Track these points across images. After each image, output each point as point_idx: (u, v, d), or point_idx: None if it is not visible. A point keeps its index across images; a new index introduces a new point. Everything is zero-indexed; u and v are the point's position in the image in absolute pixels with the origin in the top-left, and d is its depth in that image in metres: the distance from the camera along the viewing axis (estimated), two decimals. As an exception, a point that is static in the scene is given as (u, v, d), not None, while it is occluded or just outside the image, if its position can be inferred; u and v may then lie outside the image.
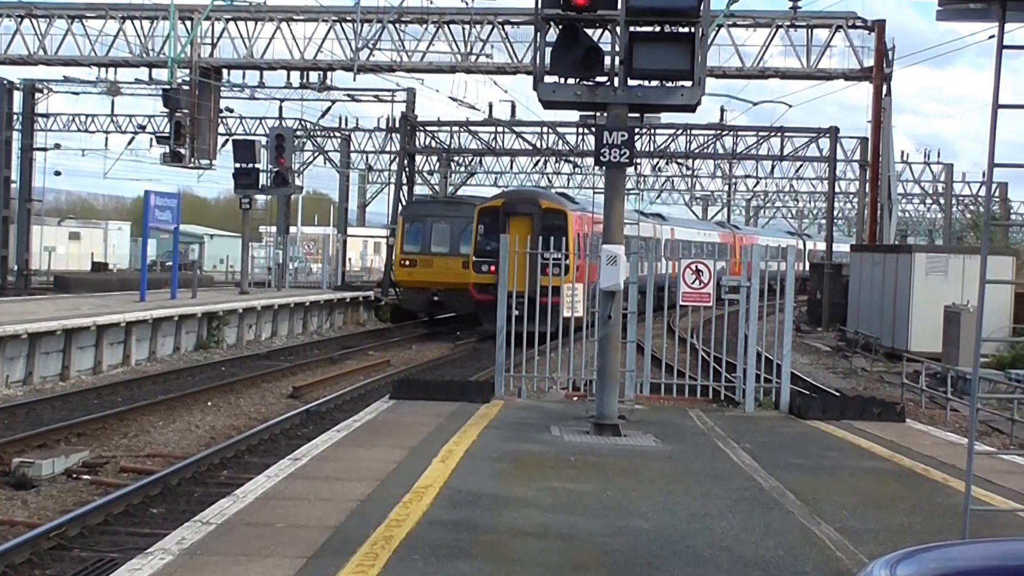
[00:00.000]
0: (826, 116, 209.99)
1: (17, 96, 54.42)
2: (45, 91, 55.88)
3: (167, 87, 42.96)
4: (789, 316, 17.16)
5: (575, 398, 17.60)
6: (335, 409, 21.61)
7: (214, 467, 16.07)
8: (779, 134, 60.98)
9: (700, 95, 13.61)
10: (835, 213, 61.21)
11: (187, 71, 42.89)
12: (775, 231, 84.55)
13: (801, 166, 69.59)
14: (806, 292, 51.54)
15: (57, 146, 63.43)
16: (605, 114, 14.02)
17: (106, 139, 64.76)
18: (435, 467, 11.67)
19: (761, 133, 62.00)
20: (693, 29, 13.40)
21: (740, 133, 62.47)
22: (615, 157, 13.73)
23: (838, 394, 22.36)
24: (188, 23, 42.87)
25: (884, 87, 41.97)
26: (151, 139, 56.78)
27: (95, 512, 12.90)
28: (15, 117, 54.19)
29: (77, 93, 54.30)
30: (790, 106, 55.91)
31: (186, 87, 42.58)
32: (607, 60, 13.69)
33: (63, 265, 72.44)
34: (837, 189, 63.43)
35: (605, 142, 13.70)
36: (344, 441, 13.38)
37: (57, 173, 68.27)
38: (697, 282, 16.47)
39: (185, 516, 11.60)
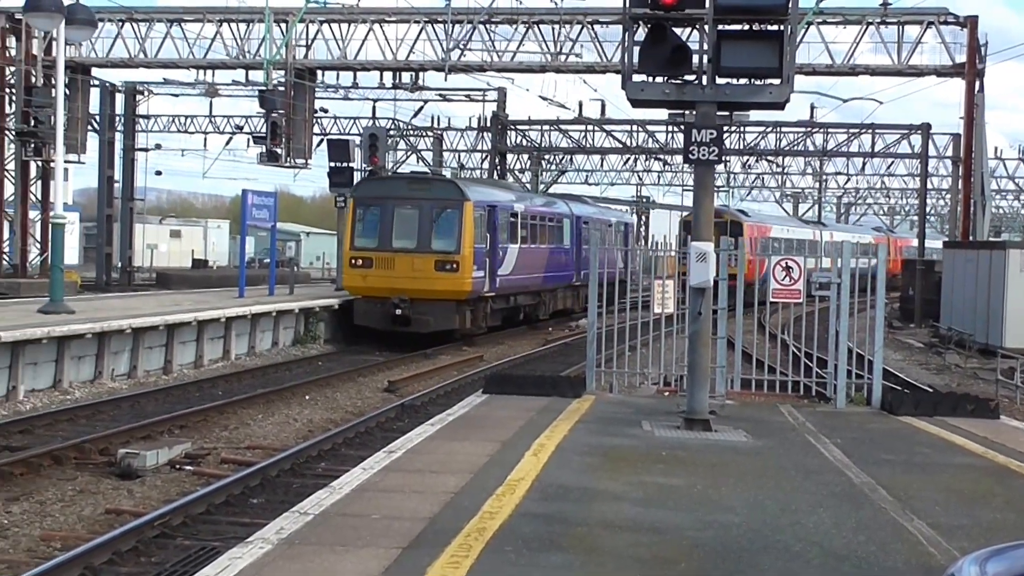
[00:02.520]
0: (917, 113, 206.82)
1: (119, 98, 55.64)
2: (146, 93, 56.99)
3: (263, 88, 43.76)
4: (880, 311, 17.07)
5: (666, 393, 17.69)
6: (429, 403, 21.82)
7: (311, 459, 16.29)
8: (870, 131, 60.39)
9: (789, 93, 13.62)
10: (927, 210, 60.42)
11: (283, 72, 43.52)
12: (900, 232, 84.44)
13: (892, 163, 68.80)
14: (896, 289, 51.17)
15: (158, 147, 64.93)
16: (693, 112, 14.11)
17: (205, 139, 66.06)
18: (527, 461, 11.80)
19: (851, 130, 61.41)
20: (782, 27, 13.42)
21: (830, 130, 61.97)
22: (704, 155, 13.80)
23: (931, 390, 22.18)
24: (283, 25, 43.52)
25: (977, 83, 41.35)
26: (248, 139, 57.59)
27: (197, 502, 13.12)
28: (117, 119, 55.39)
29: (177, 95, 55.35)
30: (880, 103, 55.53)
31: (282, 88, 43.24)
32: (695, 58, 13.77)
33: (165, 262, 73.91)
34: (929, 186, 62.61)
35: (694, 140, 13.78)
36: (438, 435, 13.56)
37: (158, 173, 69.72)
38: (787, 278, 16.46)
39: (283, 506, 11.85)
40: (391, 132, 54.40)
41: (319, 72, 46.17)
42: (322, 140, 50.40)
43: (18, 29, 43.21)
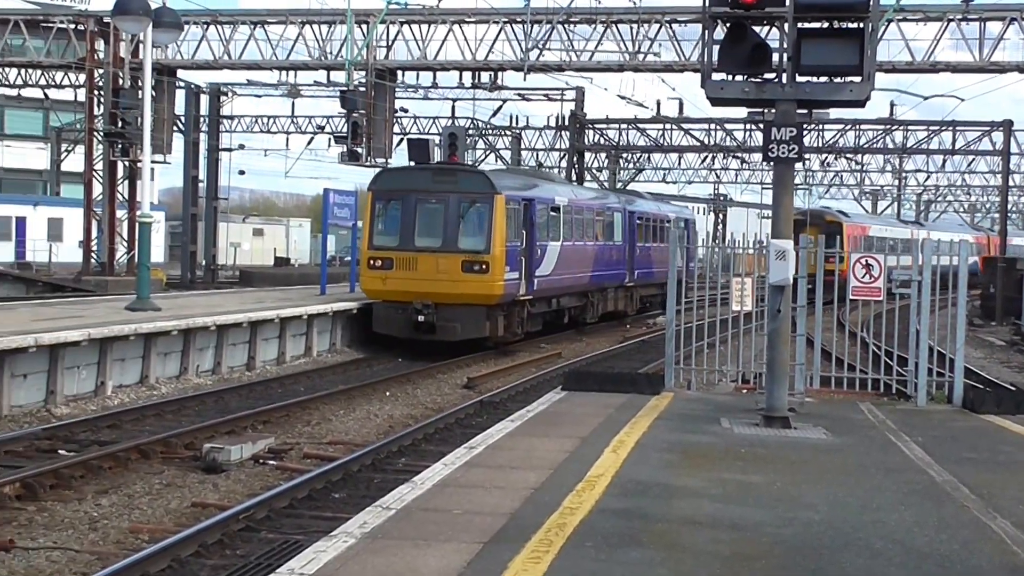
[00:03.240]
0: (998, 110, 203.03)
1: (204, 100, 56.49)
2: (230, 94, 57.73)
3: (344, 89, 44.16)
4: (962, 309, 16.92)
5: (744, 391, 17.67)
6: (508, 400, 21.92)
7: (392, 454, 16.44)
8: (950, 128, 59.65)
9: (869, 91, 13.57)
10: (1008, 207, 59.65)
11: (363, 73, 43.92)
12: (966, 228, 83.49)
13: (973, 160, 67.91)
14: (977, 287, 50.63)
15: (241, 147, 65.86)
16: (773, 110, 14.10)
17: (287, 139, 66.79)
18: (606, 457, 11.87)
19: (932, 127, 60.73)
20: (862, 24, 13.37)
21: (910, 127, 61.34)
22: (783, 153, 13.79)
23: (1013, 388, 21.91)
24: (364, 26, 43.88)
25: (1059, 80, 40.70)
26: (329, 139, 58.20)
27: (281, 496, 13.27)
28: (202, 120, 56.25)
29: (260, 96, 55.97)
30: (962, 100, 54.74)
31: (363, 88, 43.64)
32: (775, 57, 13.77)
33: (247, 260, 74.77)
34: (1011, 183, 61.74)
35: (773, 138, 13.77)
36: (518, 431, 13.67)
37: (241, 172, 70.58)
38: (867, 276, 16.38)
39: (365, 501, 12.00)
40: (470, 131, 54.62)
41: (399, 72, 46.48)
42: (402, 139, 50.78)
43: (106, 32, 44.02)
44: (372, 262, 29.06)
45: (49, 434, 16.98)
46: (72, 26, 46.14)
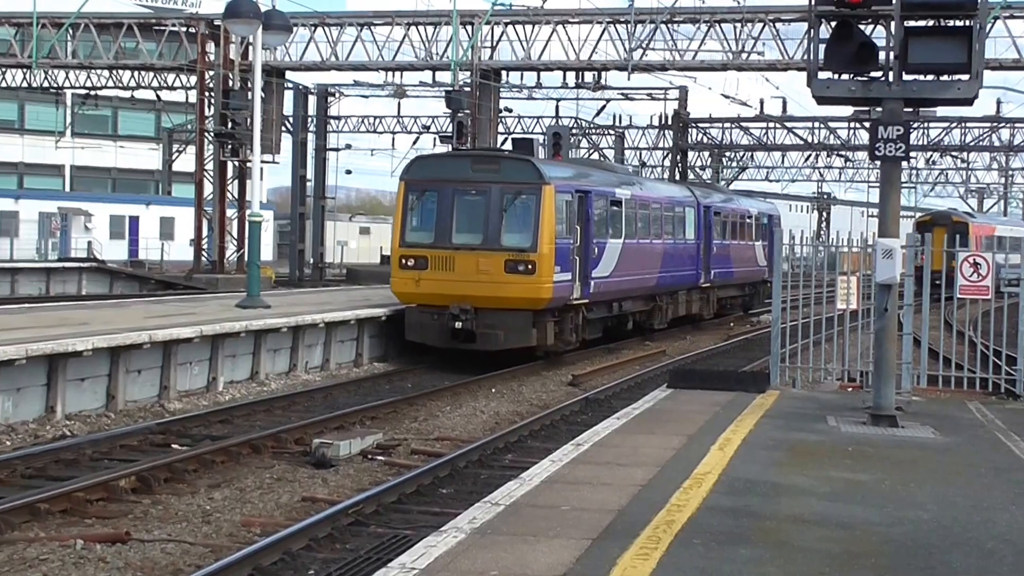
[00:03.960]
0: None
1: (311, 100, 57.34)
2: (337, 95, 58.52)
3: (450, 89, 44.57)
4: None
5: (850, 389, 17.57)
6: (613, 397, 21.86)
7: (498, 451, 16.52)
8: (1058, 125, 58.61)
9: (978, 88, 13.44)
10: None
11: (468, 73, 44.28)
12: None
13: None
14: None
15: (348, 146, 66.79)
16: (879, 108, 14.03)
17: (393, 139, 67.53)
18: (713, 454, 11.92)
19: (1040, 125, 59.68)
20: (969, 22, 13.26)
21: (1017, 125, 60.20)
22: (890, 151, 13.71)
23: None
24: (469, 28, 44.22)
25: None
26: (435, 138, 58.68)
27: (389, 491, 13.38)
28: (310, 120, 57.07)
29: (366, 96, 56.56)
30: (1072, 96, 53.66)
31: (467, 89, 43.99)
32: (881, 55, 13.70)
33: (354, 258, 75.53)
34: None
35: (880, 137, 13.70)
36: (624, 428, 13.75)
37: (348, 172, 71.56)
38: (975, 275, 16.20)
39: (472, 496, 12.18)
40: (574, 131, 54.76)
41: (503, 72, 46.79)
42: (506, 139, 51.12)
43: (217, 35, 44.82)
44: (404, 261, 25.87)
45: (163, 428, 17.34)
46: (184, 29, 47.09)
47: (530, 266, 24.95)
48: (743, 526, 9.09)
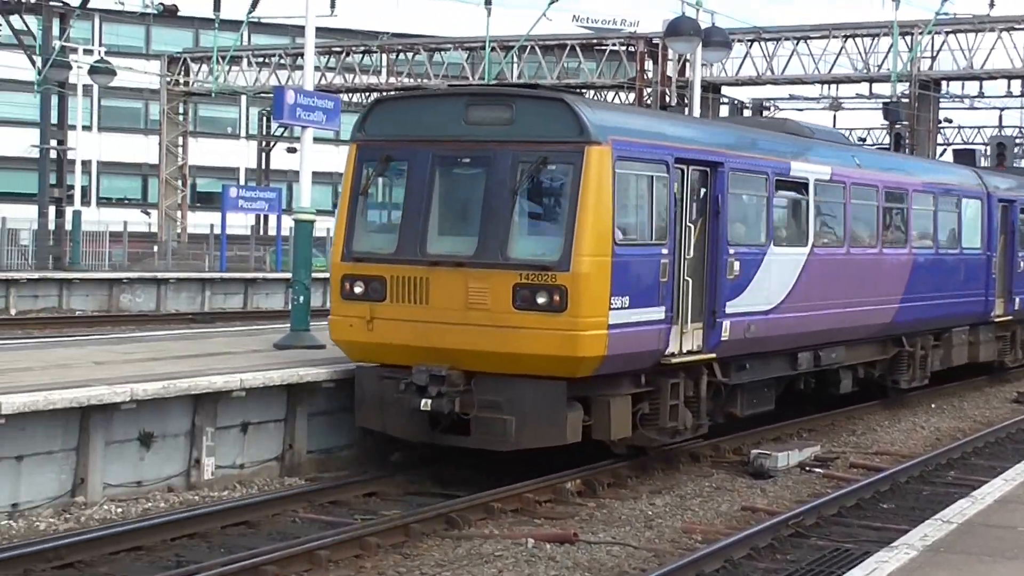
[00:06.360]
0: None
1: (746, 115, 57.39)
2: (772, 109, 58.46)
3: (887, 100, 43.67)
4: None
5: None
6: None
7: (940, 467, 16.17)
8: None
9: None
10: None
11: (906, 84, 43.29)
12: None
13: None
14: None
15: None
16: None
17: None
18: None
19: None
20: None
21: None
22: None
23: None
24: (908, 38, 43.25)
25: None
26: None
27: (829, 504, 13.34)
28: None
29: (801, 109, 56.20)
30: None
31: (905, 100, 43.04)
32: None
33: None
34: None
35: None
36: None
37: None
38: None
39: (914, 513, 12.00)
40: (1018, 140, 52.26)
41: (943, 82, 45.49)
42: (945, 149, 49.53)
43: (655, 53, 45.95)
44: (347, 286, 14.55)
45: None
46: (623, 48, 48.51)
47: (557, 296, 13.45)
48: None
